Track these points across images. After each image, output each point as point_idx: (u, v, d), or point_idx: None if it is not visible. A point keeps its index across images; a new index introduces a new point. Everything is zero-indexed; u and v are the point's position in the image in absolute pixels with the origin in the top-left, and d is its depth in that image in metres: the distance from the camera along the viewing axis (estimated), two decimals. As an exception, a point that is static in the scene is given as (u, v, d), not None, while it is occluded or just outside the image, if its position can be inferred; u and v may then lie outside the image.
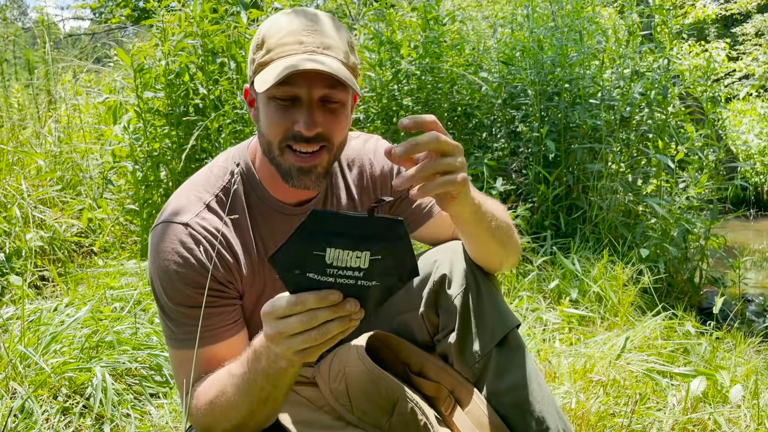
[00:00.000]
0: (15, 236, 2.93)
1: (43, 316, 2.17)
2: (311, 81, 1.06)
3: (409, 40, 3.97)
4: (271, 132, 1.10)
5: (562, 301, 2.62)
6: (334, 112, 1.10)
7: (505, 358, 1.16)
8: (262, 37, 1.11)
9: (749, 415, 1.77)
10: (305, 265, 0.84)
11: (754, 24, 16.71)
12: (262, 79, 1.06)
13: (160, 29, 3.47)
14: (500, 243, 1.17)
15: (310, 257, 0.84)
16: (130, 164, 3.41)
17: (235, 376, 1.02)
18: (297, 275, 0.85)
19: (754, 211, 7.29)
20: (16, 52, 5.29)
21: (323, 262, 0.84)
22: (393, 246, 0.85)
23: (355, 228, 0.83)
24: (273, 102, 1.09)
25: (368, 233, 0.83)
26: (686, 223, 3.39)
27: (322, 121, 1.08)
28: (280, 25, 1.10)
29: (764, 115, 9.41)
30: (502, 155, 4.09)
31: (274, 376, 0.96)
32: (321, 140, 1.10)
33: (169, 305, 1.11)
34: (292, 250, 0.84)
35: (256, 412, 1.03)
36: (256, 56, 1.12)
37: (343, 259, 0.84)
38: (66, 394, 1.77)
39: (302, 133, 1.07)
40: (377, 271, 0.85)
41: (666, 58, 3.77)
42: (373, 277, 0.86)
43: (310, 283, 0.85)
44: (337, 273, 0.84)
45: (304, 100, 1.08)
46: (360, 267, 0.84)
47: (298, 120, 1.07)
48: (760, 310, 3.55)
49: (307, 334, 0.86)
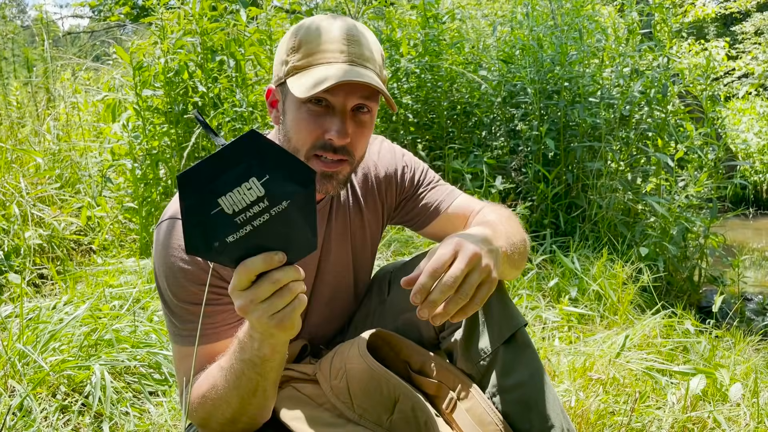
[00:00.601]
0: (14, 234, 2.92)
1: (42, 314, 2.17)
2: (348, 91, 1.07)
3: (409, 38, 3.97)
4: (300, 138, 1.11)
5: (561, 299, 2.62)
6: (363, 124, 1.12)
7: (513, 355, 1.16)
8: (299, 41, 1.11)
9: (749, 413, 1.77)
10: (217, 233, 0.78)
11: (754, 23, 16.71)
12: (301, 83, 1.06)
13: (159, 27, 3.47)
14: (520, 266, 1.21)
15: (213, 221, 0.77)
16: (129, 162, 3.40)
17: (224, 369, 1.02)
18: (219, 247, 0.79)
19: (753, 209, 7.30)
20: (14, 50, 5.29)
21: (227, 216, 0.78)
22: (266, 157, 0.78)
23: (224, 163, 0.76)
24: (305, 107, 1.09)
25: (239, 160, 0.77)
26: (685, 221, 3.39)
27: (351, 132, 1.10)
28: (319, 31, 1.10)
29: (764, 113, 9.42)
30: (501, 153, 4.10)
31: (259, 365, 0.96)
32: (344, 153, 1.11)
33: (174, 302, 1.11)
34: (192, 224, 0.77)
35: (246, 404, 1.03)
36: (290, 58, 1.11)
37: (239, 200, 0.78)
38: (65, 392, 1.77)
39: (333, 142, 1.09)
40: (277, 191, 0.79)
41: (666, 56, 3.77)
42: (276, 199, 0.80)
43: (238, 246, 0.80)
44: (246, 217, 0.78)
45: (338, 109, 1.09)
46: (258, 195, 0.78)
47: (330, 129, 1.08)
48: (760, 308, 3.56)
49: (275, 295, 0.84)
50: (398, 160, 1.37)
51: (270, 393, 1.04)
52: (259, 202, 0.79)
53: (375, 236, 1.38)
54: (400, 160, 1.37)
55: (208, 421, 1.09)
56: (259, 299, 0.84)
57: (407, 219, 1.40)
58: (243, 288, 0.84)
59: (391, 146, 1.39)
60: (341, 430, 1.13)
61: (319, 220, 1.25)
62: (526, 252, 1.22)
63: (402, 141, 3.92)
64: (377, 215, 1.36)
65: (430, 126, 4.07)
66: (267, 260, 0.82)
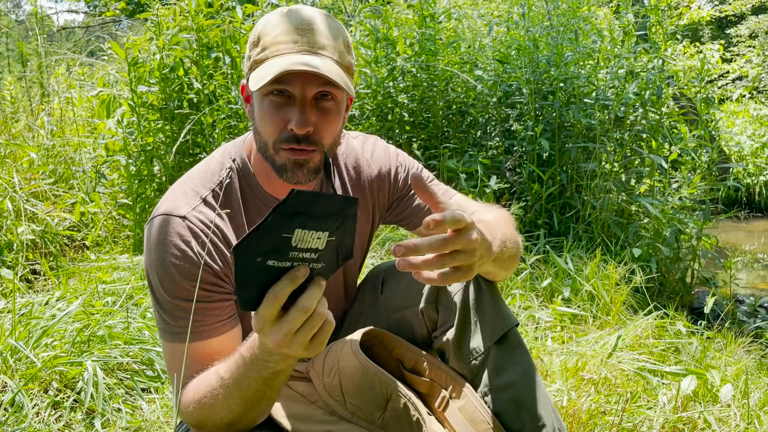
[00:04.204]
0: (6, 229, 2.91)
1: (35, 309, 2.16)
2: (305, 80, 1.07)
3: (405, 37, 3.97)
4: (267, 131, 1.11)
5: (554, 299, 2.63)
6: (327, 111, 1.11)
7: (505, 355, 1.17)
8: (258, 35, 1.13)
9: (739, 414, 1.79)
10: (269, 251, 0.79)
11: (748, 26, 16.78)
12: (257, 77, 1.07)
13: (155, 23, 3.46)
14: (510, 268, 1.20)
15: (279, 241, 0.78)
16: (123, 158, 3.40)
17: (225, 380, 1.01)
18: (258, 263, 0.79)
19: (745, 212, 7.33)
20: (9, 44, 5.26)
21: (288, 244, 0.79)
22: (344, 225, 0.82)
23: (323, 206, 0.79)
24: (267, 99, 1.10)
25: (331, 211, 0.80)
26: (679, 223, 3.41)
27: (315, 121, 1.09)
28: (275, 23, 1.11)
29: (757, 116, 9.47)
30: (496, 153, 4.10)
31: (270, 379, 0.96)
32: (312, 143, 1.10)
33: (166, 298, 1.11)
34: (269, 232, 0.77)
35: (248, 410, 1.03)
36: (252, 53, 1.13)
37: (307, 240, 0.80)
38: (57, 388, 1.77)
39: (294, 132, 1.08)
40: (328, 253, 0.83)
41: (661, 58, 3.78)
42: (323, 259, 0.83)
43: (269, 271, 0.80)
44: (296, 256, 0.80)
45: (298, 98, 1.09)
46: (318, 248, 0.81)
47: (291, 118, 1.08)
48: (751, 310, 3.58)
49: (307, 323, 0.84)
50: (392, 159, 1.37)
51: (274, 399, 1.04)
52: (313, 253, 0.81)
53: (364, 235, 1.37)
54: (394, 160, 1.37)
55: (204, 424, 1.08)
56: (293, 330, 0.83)
57: (401, 219, 1.40)
58: (273, 318, 0.83)
59: (385, 146, 1.39)
60: (333, 427, 1.13)
61: None
62: (518, 254, 1.21)
63: (397, 140, 3.92)
64: (367, 214, 1.35)
65: (426, 125, 4.07)
66: (293, 280, 0.81)
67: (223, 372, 1.02)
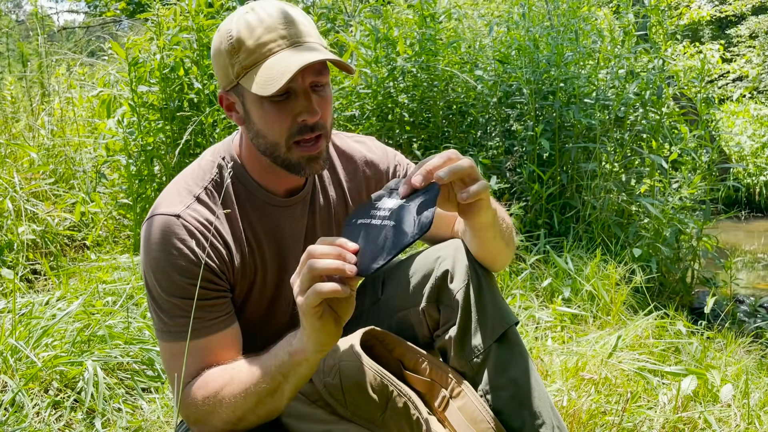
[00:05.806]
0: (7, 229, 2.91)
1: (35, 309, 2.16)
2: (304, 72, 1.08)
3: (405, 37, 3.96)
4: (275, 132, 1.11)
5: (554, 299, 2.63)
6: (324, 95, 1.14)
7: (506, 353, 1.17)
8: (236, 41, 1.10)
9: (739, 414, 1.79)
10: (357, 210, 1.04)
11: (749, 26, 16.77)
12: (259, 81, 1.06)
13: (155, 23, 3.46)
14: (507, 244, 1.22)
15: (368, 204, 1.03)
16: (123, 158, 3.39)
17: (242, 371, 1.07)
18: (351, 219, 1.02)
19: (746, 212, 7.33)
20: (9, 44, 5.26)
21: (373, 206, 1.01)
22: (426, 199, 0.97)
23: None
24: (266, 101, 1.10)
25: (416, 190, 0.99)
26: (679, 223, 3.41)
27: (318, 106, 1.11)
28: (250, 26, 1.09)
29: (757, 116, 9.46)
30: (496, 154, 4.10)
31: (287, 367, 1.02)
32: (320, 128, 1.13)
33: (163, 297, 1.11)
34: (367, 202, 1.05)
35: (260, 403, 1.05)
36: (235, 61, 1.10)
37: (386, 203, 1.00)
38: (57, 388, 1.77)
39: (307, 122, 1.10)
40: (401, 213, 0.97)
41: (661, 58, 3.78)
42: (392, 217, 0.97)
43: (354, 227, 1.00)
44: (375, 214, 0.99)
45: (299, 91, 1.10)
46: (390, 207, 0.98)
47: (300, 111, 1.10)
48: (751, 310, 3.58)
49: None
50: (390, 158, 1.38)
51: (286, 398, 1.07)
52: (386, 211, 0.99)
53: None
54: (392, 159, 1.38)
55: (209, 420, 1.09)
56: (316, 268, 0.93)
57: None
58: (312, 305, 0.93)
59: (382, 146, 1.41)
60: (334, 427, 1.13)
61: (300, 210, 1.27)
62: (513, 232, 1.25)
63: (397, 140, 3.92)
64: None
65: (426, 125, 4.07)
66: (335, 290, 0.91)
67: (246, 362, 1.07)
